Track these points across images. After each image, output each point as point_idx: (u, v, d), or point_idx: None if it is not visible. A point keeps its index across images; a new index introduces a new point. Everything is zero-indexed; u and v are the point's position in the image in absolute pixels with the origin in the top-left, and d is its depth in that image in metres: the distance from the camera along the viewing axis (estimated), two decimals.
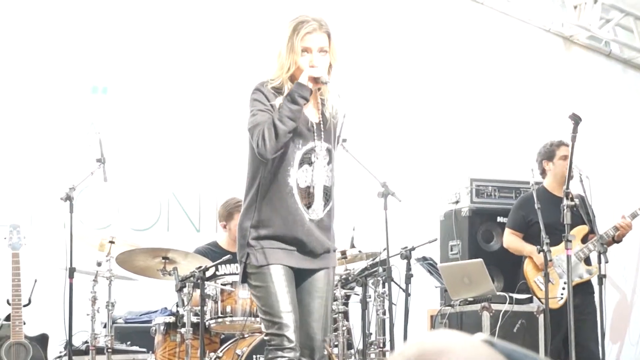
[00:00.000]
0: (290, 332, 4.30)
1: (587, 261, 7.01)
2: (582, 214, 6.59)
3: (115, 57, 8.36)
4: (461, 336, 1.50)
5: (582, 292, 6.86)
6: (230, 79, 8.47)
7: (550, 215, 6.35)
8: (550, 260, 6.31)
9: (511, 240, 7.18)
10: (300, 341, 4.36)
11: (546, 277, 6.26)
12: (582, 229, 6.87)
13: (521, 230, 7.13)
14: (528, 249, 6.97)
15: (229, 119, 8.24)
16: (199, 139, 8.50)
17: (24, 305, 6.64)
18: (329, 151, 4.46)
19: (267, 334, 4.37)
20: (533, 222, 6.86)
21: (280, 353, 4.32)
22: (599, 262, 6.27)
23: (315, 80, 4.33)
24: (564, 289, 6.77)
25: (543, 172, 7.17)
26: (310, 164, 4.41)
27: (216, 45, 8.58)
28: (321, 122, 4.44)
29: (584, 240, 6.97)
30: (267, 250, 4.38)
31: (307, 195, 4.41)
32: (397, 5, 9.05)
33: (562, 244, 5.81)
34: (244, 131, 4.41)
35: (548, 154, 7.13)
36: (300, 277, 4.46)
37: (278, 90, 4.37)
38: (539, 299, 6.86)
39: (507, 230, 7.24)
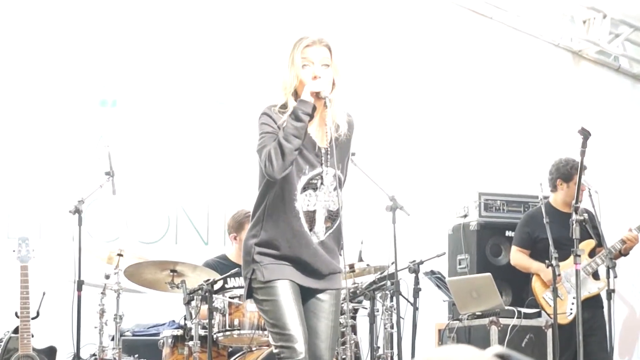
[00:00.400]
0: (300, 345, 4.28)
1: (595, 275, 6.99)
2: (589, 228, 6.57)
3: (124, 70, 8.38)
4: (473, 351, 1.49)
5: (591, 306, 6.83)
6: (239, 92, 8.48)
7: (557, 230, 6.34)
8: (559, 275, 6.29)
9: (518, 257, 7.16)
10: None
11: (554, 292, 6.23)
12: (589, 243, 6.85)
13: (527, 248, 7.11)
14: (535, 266, 6.95)
15: (237, 133, 8.25)
16: (208, 152, 8.51)
17: (32, 318, 6.64)
18: (335, 177, 4.43)
19: (276, 347, 4.34)
20: (539, 239, 6.84)
21: None
22: (608, 276, 6.25)
23: (317, 95, 4.30)
24: (573, 304, 6.75)
25: (554, 188, 7.13)
26: (315, 189, 4.39)
27: (225, 60, 8.59)
28: (328, 147, 4.39)
29: (591, 254, 6.95)
30: (274, 265, 4.36)
31: (309, 219, 4.40)
32: (406, 19, 9.05)
33: (570, 259, 5.78)
34: (253, 145, 4.39)
35: (566, 176, 7.05)
36: (305, 296, 4.43)
37: (284, 111, 4.34)
38: (548, 315, 6.84)
39: (513, 248, 7.21)
